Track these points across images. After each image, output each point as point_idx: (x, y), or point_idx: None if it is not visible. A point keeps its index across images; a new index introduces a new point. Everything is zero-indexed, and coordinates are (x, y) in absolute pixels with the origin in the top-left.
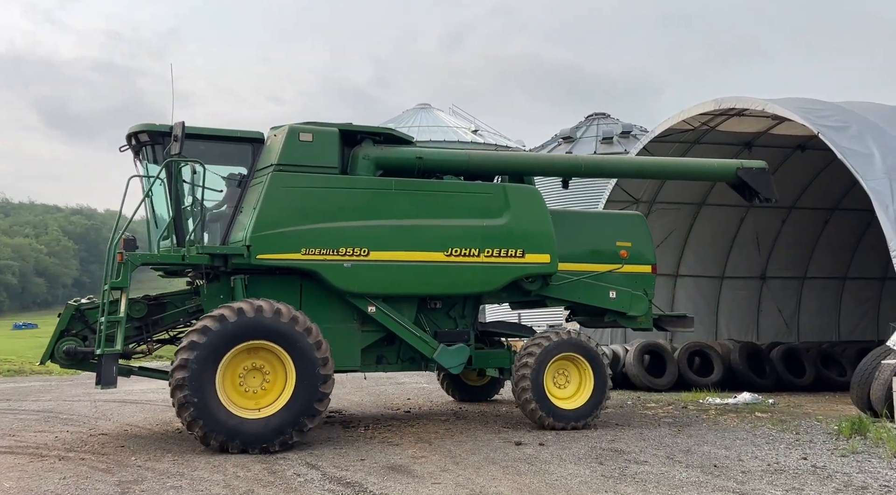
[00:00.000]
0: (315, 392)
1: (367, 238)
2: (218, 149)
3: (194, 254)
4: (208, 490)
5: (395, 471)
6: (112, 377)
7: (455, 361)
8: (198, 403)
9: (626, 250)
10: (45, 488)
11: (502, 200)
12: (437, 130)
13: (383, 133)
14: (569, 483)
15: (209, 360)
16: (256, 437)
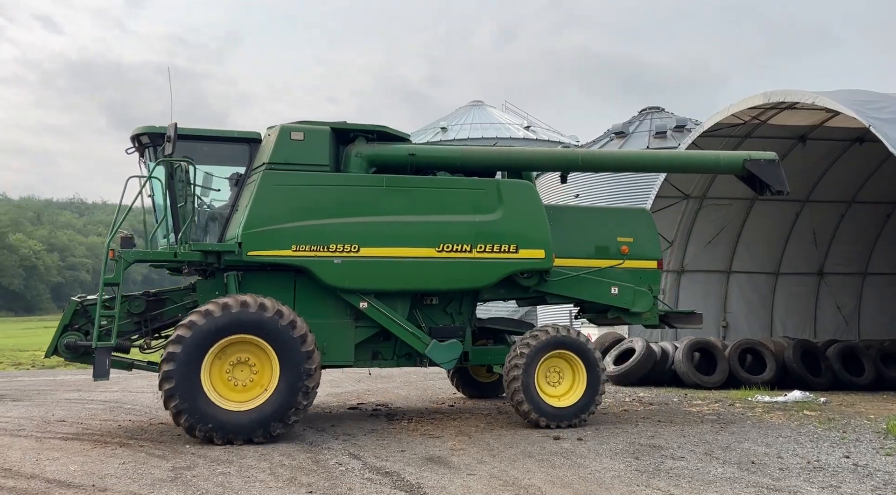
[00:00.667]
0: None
1: (356, 234)
2: (218, 150)
3: (186, 251)
4: (254, 476)
5: (432, 462)
6: (105, 369)
7: (447, 357)
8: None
9: (628, 246)
10: (106, 471)
11: (495, 196)
12: (490, 127)
13: (376, 130)
14: (602, 476)
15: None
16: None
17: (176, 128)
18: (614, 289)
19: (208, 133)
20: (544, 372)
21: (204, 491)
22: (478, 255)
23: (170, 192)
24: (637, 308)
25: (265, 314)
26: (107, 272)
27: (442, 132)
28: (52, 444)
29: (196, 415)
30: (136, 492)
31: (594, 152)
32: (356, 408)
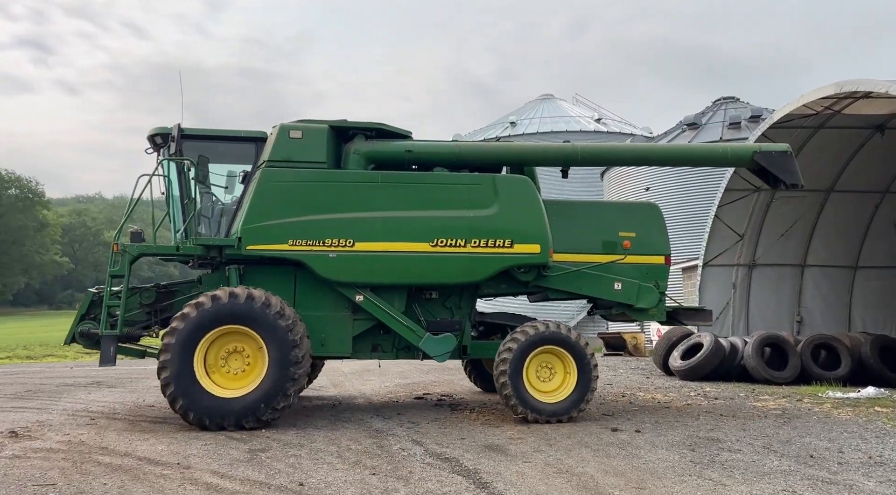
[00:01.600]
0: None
1: (352, 229)
2: (227, 149)
3: (188, 246)
4: (323, 458)
5: (490, 450)
6: (110, 356)
7: (440, 350)
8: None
9: (630, 240)
10: (189, 452)
11: (491, 191)
12: (559, 121)
13: (375, 128)
14: (655, 466)
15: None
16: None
17: (179, 128)
18: (617, 285)
19: (218, 133)
20: (535, 368)
21: (277, 470)
22: (472, 250)
23: (178, 189)
24: (641, 304)
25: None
26: (113, 265)
27: (511, 127)
28: (143, 427)
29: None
30: (215, 470)
31: (594, 146)
32: (422, 398)
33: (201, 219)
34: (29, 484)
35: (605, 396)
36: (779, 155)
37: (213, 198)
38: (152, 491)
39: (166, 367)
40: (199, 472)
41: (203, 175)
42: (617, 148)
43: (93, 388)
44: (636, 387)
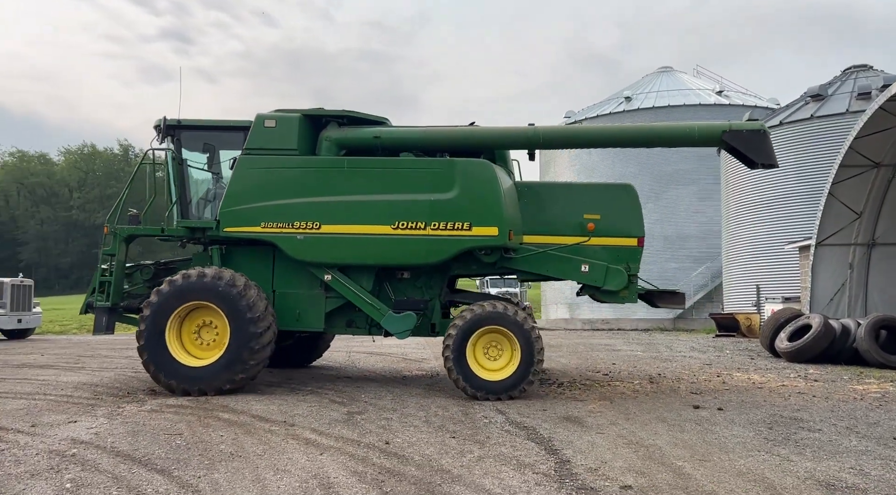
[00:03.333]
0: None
1: (318, 212)
2: (219, 137)
3: (172, 228)
4: (411, 422)
5: (568, 421)
6: (102, 326)
7: (400, 327)
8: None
9: (595, 223)
10: (296, 412)
11: (450, 175)
12: (677, 94)
13: (347, 115)
14: (726, 441)
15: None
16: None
17: (165, 120)
18: (584, 267)
19: (211, 123)
20: (483, 347)
21: (368, 430)
22: (432, 233)
23: (169, 176)
24: (609, 286)
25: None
26: (105, 245)
27: (626, 102)
28: (260, 389)
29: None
30: (315, 429)
31: (555, 128)
32: None
33: (207, 202)
34: (161, 433)
35: (698, 376)
36: (751, 133)
37: (210, 182)
38: (260, 443)
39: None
40: (301, 429)
41: (211, 162)
42: (579, 130)
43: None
44: (735, 368)
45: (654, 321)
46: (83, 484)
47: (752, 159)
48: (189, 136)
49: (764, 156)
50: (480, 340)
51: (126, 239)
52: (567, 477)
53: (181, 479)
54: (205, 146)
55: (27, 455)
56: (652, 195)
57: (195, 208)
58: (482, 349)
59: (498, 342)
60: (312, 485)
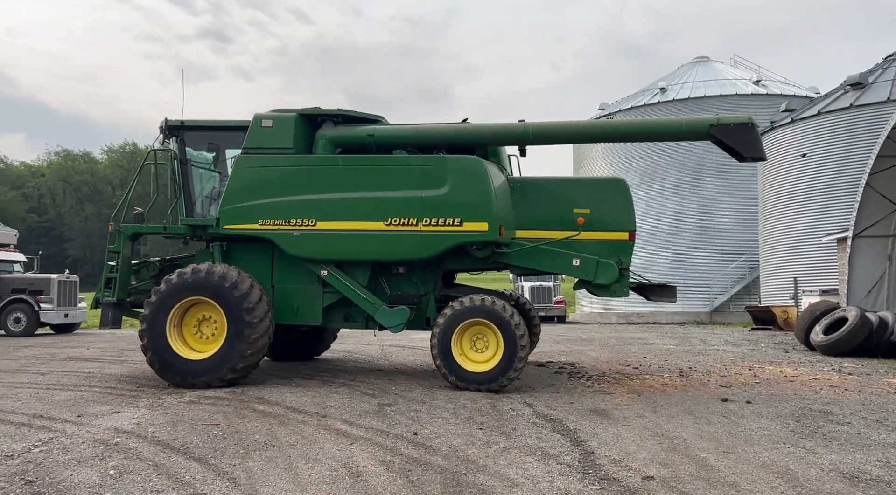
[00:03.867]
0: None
1: (314, 210)
2: (223, 137)
3: (174, 225)
4: (439, 414)
5: (594, 414)
6: (107, 320)
7: (393, 321)
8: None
9: (585, 217)
10: (328, 404)
11: (441, 171)
12: (713, 85)
13: (342, 114)
14: (752, 434)
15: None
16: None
17: (167, 122)
18: (575, 261)
19: (214, 123)
20: (470, 339)
21: (397, 422)
22: (423, 228)
23: (173, 175)
24: (600, 280)
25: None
26: (111, 242)
27: (661, 93)
28: (295, 382)
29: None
30: (346, 419)
31: (545, 124)
32: (544, 366)
33: (212, 200)
34: (199, 424)
35: (729, 370)
36: (738, 127)
37: (215, 181)
38: (293, 433)
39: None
40: (333, 420)
41: (216, 160)
42: (568, 125)
43: None
44: (768, 362)
45: (690, 314)
46: (125, 470)
47: (741, 152)
48: (193, 136)
49: (751, 150)
50: (467, 333)
51: (131, 236)
52: (590, 467)
53: (217, 467)
54: (209, 145)
55: (74, 443)
56: (687, 186)
57: (200, 206)
58: (469, 341)
59: (484, 334)
60: (342, 474)
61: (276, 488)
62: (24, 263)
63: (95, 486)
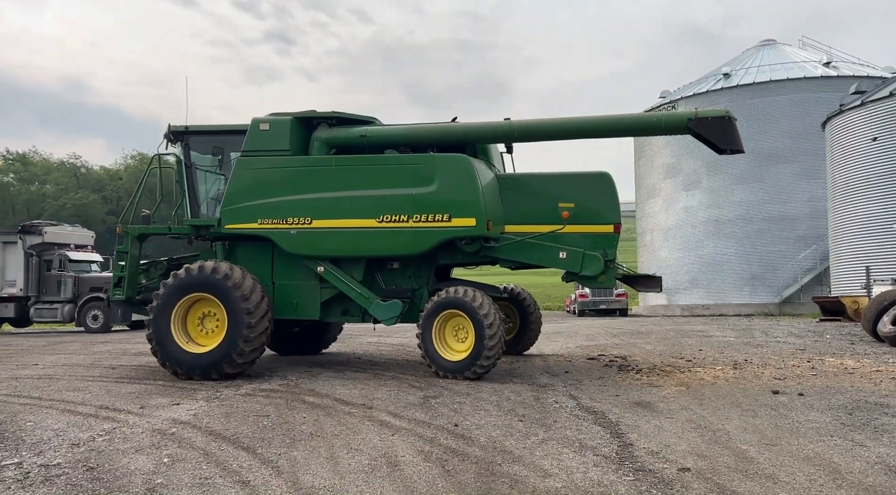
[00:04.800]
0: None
1: (309, 209)
2: (226, 140)
3: (178, 226)
4: (482, 406)
5: (639, 406)
6: (118, 318)
7: (386, 315)
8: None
9: (570, 211)
10: (375, 395)
11: (430, 170)
12: (780, 68)
13: (336, 116)
14: (800, 427)
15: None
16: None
17: (170, 127)
18: (562, 254)
19: (218, 128)
20: (452, 329)
21: (440, 413)
22: (414, 225)
23: (178, 178)
24: (587, 271)
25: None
26: (118, 243)
27: (724, 78)
28: (347, 374)
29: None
30: (391, 411)
31: (529, 122)
32: (594, 359)
33: (216, 202)
34: (251, 415)
35: (787, 362)
36: (715, 120)
37: (220, 183)
38: (338, 424)
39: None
40: (378, 412)
41: (220, 163)
42: (552, 122)
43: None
44: (830, 353)
45: (758, 306)
46: (178, 459)
47: (719, 146)
48: (197, 141)
49: (730, 143)
50: (449, 323)
51: (138, 237)
52: (627, 459)
53: (263, 456)
54: (214, 149)
55: (134, 433)
56: (753, 174)
57: (205, 207)
58: (452, 331)
59: (463, 325)
60: (381, 463)
61: (316, 476)
62: (101, 263)
63: (149, 473)
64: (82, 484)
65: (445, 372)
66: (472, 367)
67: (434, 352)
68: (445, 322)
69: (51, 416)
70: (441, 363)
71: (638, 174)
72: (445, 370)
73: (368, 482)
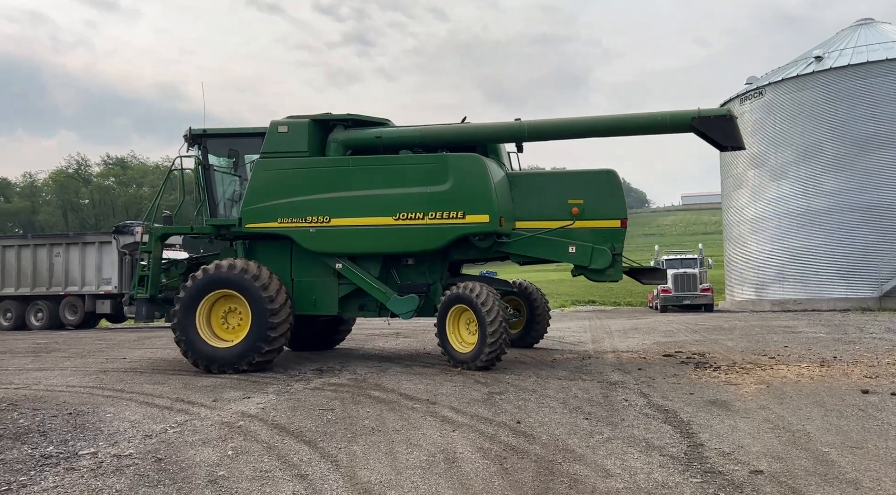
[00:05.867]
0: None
1: (328, 207)
2: (243, 143)
3: (200, 226)
4: (547, 403)
5: (713, 405)
6: (142, 314)
7: (404, 309)
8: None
9: (578, 207)
10: (440, 391)
11: (444, 169)
12: (878, 49)
13: (352, 119)
14: (889, 429)
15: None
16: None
17: (191, 130)
18: (572, 248)
19: (235, 130)
20: (465, 323)
21: (503, 410)
22: (429, 222)
23: (198, 180)
24: (595, 265)
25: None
26: (143, 243)
27: (815, 62)
28: (414, 370)
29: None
30: (454, 407)
31: (539, 122)
32: (671, 356)
33: (233, 202)
34: (317, 409)
35: (881, 359)
36: (718, 119)
37: (236, 184)
38: (400, 419)
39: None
40: (441, 408)
41: (235, 165)
42: (561, 122)
43: (391, 338)
44: None
45: (855, 301)
46: (242, 451)
47: (721, 143)
48: (214, 144)
49: (731, 140)
50: (462, 317)
51: (160, 237)
52: (696, 460)
53: (324, 450)
54: (230, 151)
55: (204, 425)
56: (846, 161)
57: (222, 208)
58: (465, 325)
59: (473, 318)
60: (438, 459)
61: (374, 471)
62: None
63: (213, 465)
64: (149, 474)
65: (457, 363)
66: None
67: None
68: (459, 315)
69: (129, 408)
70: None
71: (723, 164)
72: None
73: (424, 478)
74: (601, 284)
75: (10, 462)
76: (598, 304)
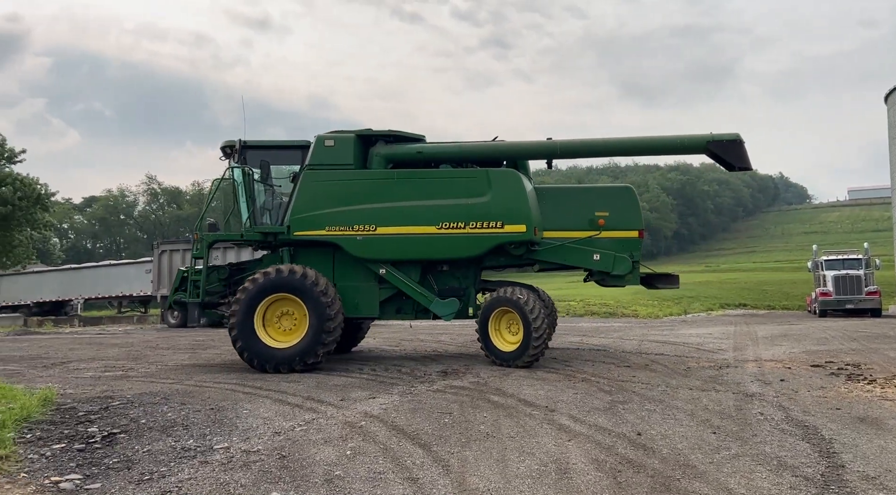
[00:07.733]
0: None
1: (374, 217)
2: (282, 155)
3: (250, 233)
4: (673, 415)
5: (861, 422)
6: (195, 318)
7: (446, 311)
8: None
9: (604, 219)
10: (560, 398)
11: (485, 182)
12: None
13: (393, 134)
14: None
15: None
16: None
17: (241, 142)
18: (596, 256)
19: (272, 143)
20: (506, 324)
21: (625, 420)
22: (470, 231)
23: (244, 190)
24: (617, 271)
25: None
26: (195, 249)
27: None
28: (537, 374)
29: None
30: (573, 415)
31: (571, 141)
32: (820, 367)
33: (265, 211)
34: (435, 412)
35: None
36: (729, 143)
37: (273, 193)
38: (516, 426)
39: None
40: (559, 415)
41: (265, 175)
42: (589, 142)
43: None
44: None
45: None
46: (359, 452)
47: (731, 164)
48: (252, 155)
49: (740, 161)
50: (503, 318)
51: (210, 244)
52: (833, 482)
53: (437, 454)
54: (261, 163)
55: (328, 424)
56: None
57: (259, 216)
58: (506, 325)
59: (515, 320)
60: (549, 469)
61: (483, 478)
62: None
63: (331, 464)
64: (272, 470)
65: (500, 361)
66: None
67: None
68: (500, 317)
69: (264, 405)
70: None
71: (893, 155)
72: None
73: (533, 488)
74: (754, 288)
75: (155, 453)
76: (750, 308)
